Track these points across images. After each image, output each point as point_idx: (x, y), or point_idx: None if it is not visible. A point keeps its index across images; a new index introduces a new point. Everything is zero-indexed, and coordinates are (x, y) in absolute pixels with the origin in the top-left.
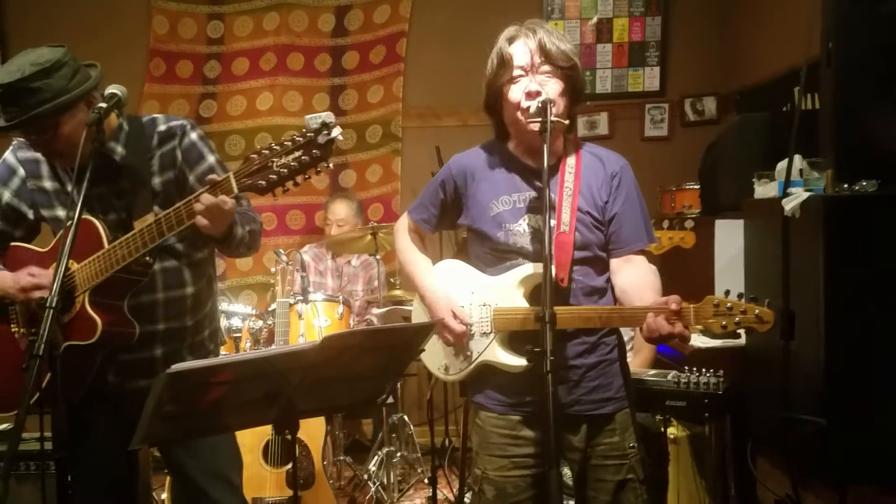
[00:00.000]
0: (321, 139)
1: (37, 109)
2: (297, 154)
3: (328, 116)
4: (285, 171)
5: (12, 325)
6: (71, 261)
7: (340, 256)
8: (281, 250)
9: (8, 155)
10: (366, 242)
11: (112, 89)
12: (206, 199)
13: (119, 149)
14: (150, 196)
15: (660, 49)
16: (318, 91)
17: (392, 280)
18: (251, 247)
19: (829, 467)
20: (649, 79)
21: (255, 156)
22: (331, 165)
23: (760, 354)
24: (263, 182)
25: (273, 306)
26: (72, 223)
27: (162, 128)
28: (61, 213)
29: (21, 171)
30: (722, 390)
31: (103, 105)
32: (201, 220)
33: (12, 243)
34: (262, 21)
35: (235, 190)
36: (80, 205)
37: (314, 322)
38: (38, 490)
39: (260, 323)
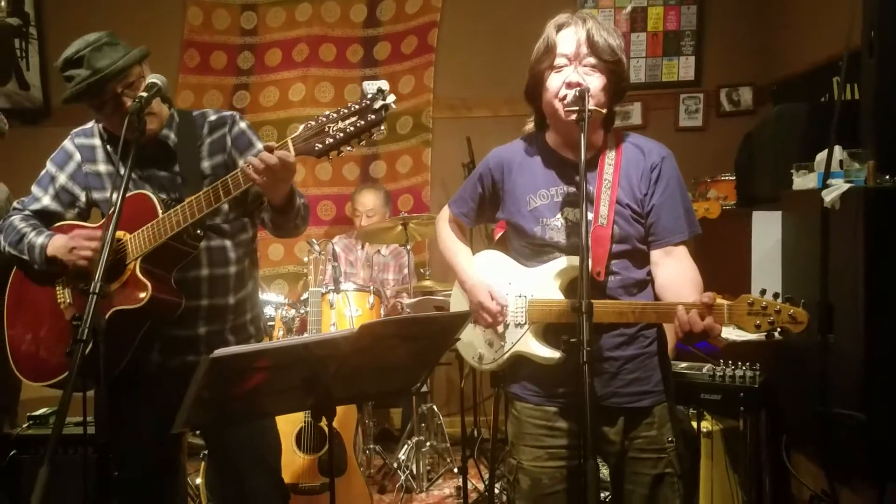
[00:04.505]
0: (377, 104)
1: (102, 73)
2: (353, 119)
3: (384, 83)
4: (341, 134)
5: (58, 297)
6: (123, 231)
7: (371, 246)
8: (314, 240)
9: (66, 142)
10: (396, 233)
11: (152, 79)
12: (265, 157)
13: (172, 135)
14: (199, 179)
15: (695, 38)
16: (349, 82)
17: (422, 271)
18: (306, 220)
19: (868, 464)
20: (684, 68)
21: (312, 122)
22: (384, 129)
23: (797, 348)
24: (319, 144)
25: (305, 296)
26: (118, 196)
27: (213, 118)
28: (114, 195)
29: (77, 156)
30: (757, 384)
31: (144, 94)
32: (259, 179)
33: (61, 222)
34: (294, 12)
35: (293, 152)
36: (126, 179)
37: (345, 311)
38: (79, 474)
39: (292, 312)
